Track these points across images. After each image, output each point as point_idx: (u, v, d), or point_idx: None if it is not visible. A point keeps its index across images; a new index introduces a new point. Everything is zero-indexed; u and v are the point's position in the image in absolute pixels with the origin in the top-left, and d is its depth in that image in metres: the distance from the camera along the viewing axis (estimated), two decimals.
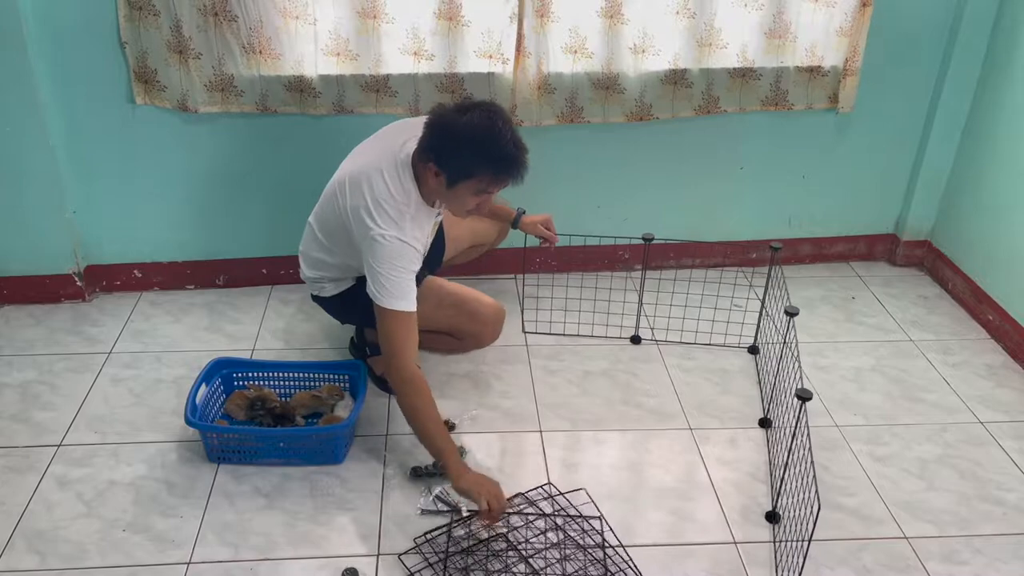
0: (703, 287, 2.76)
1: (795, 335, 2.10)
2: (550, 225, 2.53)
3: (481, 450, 2.16)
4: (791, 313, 2.12)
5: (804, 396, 1.78)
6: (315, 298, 2.32)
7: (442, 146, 1.89)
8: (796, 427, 1.83)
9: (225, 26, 2.42)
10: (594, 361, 2.54)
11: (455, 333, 2.29)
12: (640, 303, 2.68)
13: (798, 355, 2.05)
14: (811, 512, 1.65)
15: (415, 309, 1.97)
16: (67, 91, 2.49)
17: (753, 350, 2.60)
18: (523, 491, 2.03)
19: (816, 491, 1.64)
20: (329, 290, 2.23)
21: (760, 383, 2.45)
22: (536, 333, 2.65)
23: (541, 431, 2.24)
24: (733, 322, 2.68)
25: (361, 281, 2.16)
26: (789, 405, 2.08)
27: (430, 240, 2.18)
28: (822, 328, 2.73)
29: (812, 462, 1.72)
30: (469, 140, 1.86)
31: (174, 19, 2.39)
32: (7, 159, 2.50)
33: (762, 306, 2.53)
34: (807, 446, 1.75)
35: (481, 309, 2.29)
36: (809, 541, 1.68)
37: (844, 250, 3.13)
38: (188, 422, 2.02)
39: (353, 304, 2.21)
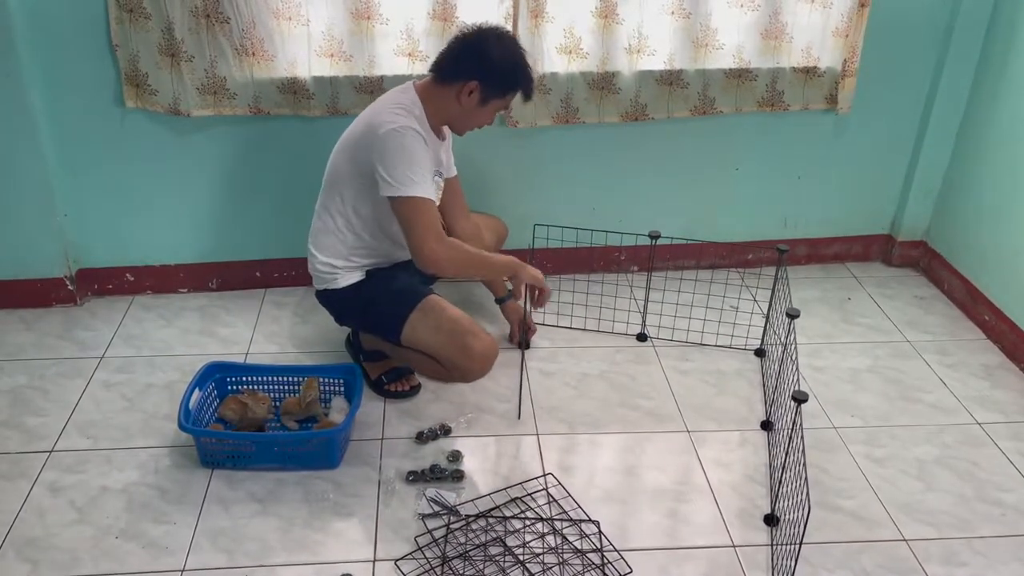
0: (709, 287, 2.76)
1: (794, 337, 2.09)
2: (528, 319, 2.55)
3: (477, 453, 2.15)
4: (792, 315, 2.12)
5: (800, 399, 1.77)
6: (322, 295, 2.29)
7: (489, 66, 2.06)
8: (792, 430, 1.83)
9: (217, 28, 2.40)
10: (591, 363, 2.52)
11: (443, 362, 2.23)
12: (646, 300, 2.67)
13: (796, 357, 2.04)
14: (803, 515, 1.64)
15: (433, 196, 2.07)
16: (57, 94, 2.46)
17: (760, 353, 2.59)
18: (522, 481, 2.04)
19: (807, 494, 1.63)
20: (342, 280, 2.21)
21: (764, 385, 2.44)
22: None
23: (538, 434, 2.23)
24: (740, 324, 2.68)
25: (371, 274, 2.19)
26: (788, 407, 2.06)
27: (441, 183, 2.25)
28: (818, 329, 2.72)
29: (805, 464, 1.71)
30: (512, 63, 2.09)
31: (166, 21, 2.37)
32: None
33: (769, 308, 2.53)
34: (801, 448, 1.75)
35: (474, 345, 2.18)
36: (800, 544, 1.67)
37: (840, 251, 3.13)
38: (182, 427, 2.00)
39: (361, 300, 2.21)
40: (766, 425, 2.27)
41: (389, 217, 2.14)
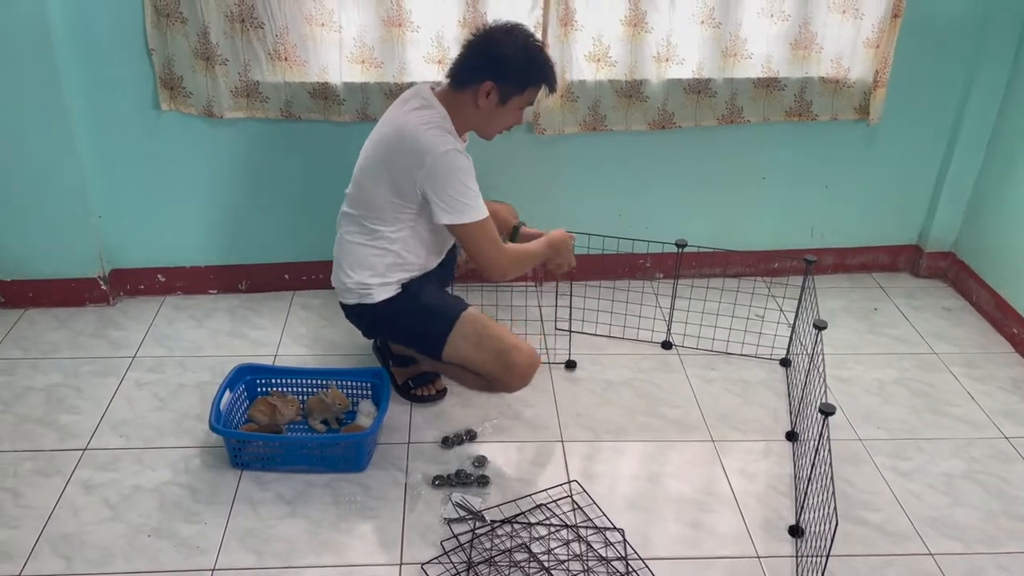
0: (735, 296, 2.76)
1: (822, 348, 2.08)
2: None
3: (503, 458, 2.17)
4: (819, 327, 2.11)
5: (827, 411, 1.77)
6: (353, 309, 2.22)
7: (501, 63, 2.01)
8: (819, 442, 1.83)
9: (252, 33, 2.44)
10: (616, 370, 2.53)
11: (486, 376, 2.21)
12: (672, 308, 2.67)
13: (823, 369, 2.03)
14: (830, 528, 1.64)
15: (488, 213, 2.07)
16: (94, 97, 2.51)
17: (785, 362, 2.59)
18: (546, 487, 2.06)
19: (835, 507, 1.63)
20: (377, 295, 2.16)
21: (790, 396, 2.43)
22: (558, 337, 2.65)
23: (563, 440, 2.24)
24: (765, 333, 2.67)
25: (406, 287, 2.18)
26: (814, 419, 2.06)
27: None
28: (844, 340, 2.71)
29: (832, 477, 1.71)
30: (525, 55, 2.02)
31: (201, 26, 2.40)
32: (35, 164, 2.52)
33: (796, 318, 2.52)
34: (828, 461, 1.75)
35: (519, 360, 2.15)
36: (827, 557, 1.67)
37: (866, 261, 3.12)
38: (213, 429, 2.03)
39: (394, 315, 2.19)
40: (791, 436, 2.27)
41: (430, 234, 2.14)
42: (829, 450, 1.76)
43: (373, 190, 2.09)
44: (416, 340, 2.26)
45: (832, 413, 1.77)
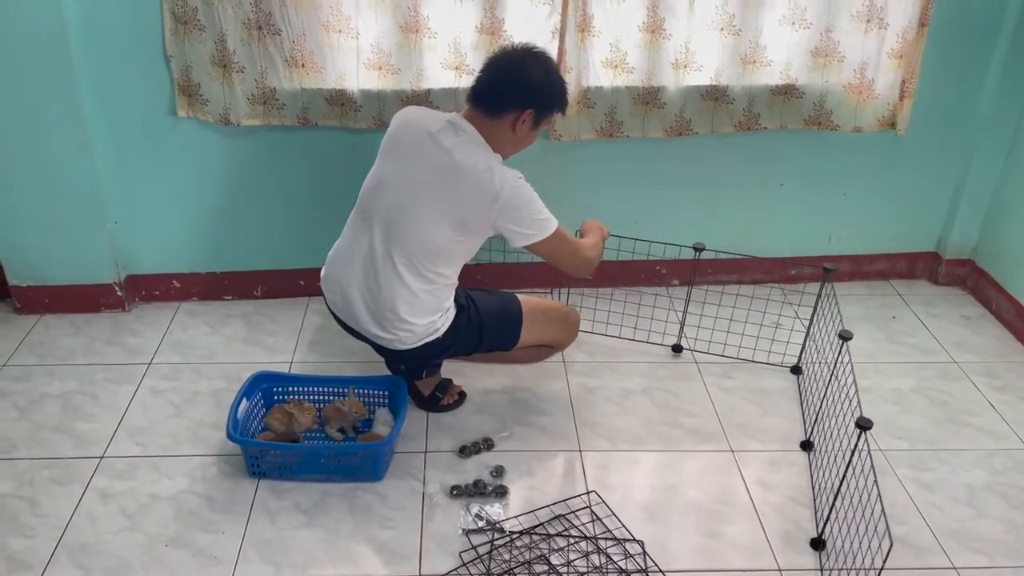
0: (749, 303, 2.74)
1: (850, 359, 2.06)
2: None
3: (520, 468, 2.15)
4: (845, 337, 2.09)
5: (864, 425, 1.75)
6: (417, 352, 2.15)
7: (539, 91, 2.04)
8: (852, 456, 1.80)
9: (269, 40, 2.43)
10: (632, 379, 2.52)
11: (554, 343, 2.37)
12: (685, 312, 2.65)
13: (855, 380, 1.99)
14: (878, 547, 1.61)
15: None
16: (111, 103, 2.50)
17: (796, 370, 2.57)
18: (565, 498, 2.04)
19: (887, 528, 1.61)
20: (443, 326, 2.13)
21: (802, 404, 2.41)
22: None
23: (580, 450, 2.22)
24: (778, 340, 2.66)
25: (456, 303, 2.17)
26: (838, 429, 2.04)
27: None
28: (863, 348, 2.69)
29: (880, 496, 1.68)
30: (558, 82, 2.07)
31: (219, 33, 2.40)
32: (51, 170, 2.52)
33: (810, 326, 2.50)
34: (872, 478, 1.72)
35: (574, 317, 2.39)
36: (880, 571, 1.65)
37: (884, 268, 3.09)
38: (231, 438, 2.02)
39: (462, 332, 2.17)
40: (806, 445, 2.25)
41: (467, 255, 2.13)
42: (872, 467, 1.73)
43: (436, 238, 2.02)
44: (489, 344, 2.26)
45: (869, 427, 1.74)
